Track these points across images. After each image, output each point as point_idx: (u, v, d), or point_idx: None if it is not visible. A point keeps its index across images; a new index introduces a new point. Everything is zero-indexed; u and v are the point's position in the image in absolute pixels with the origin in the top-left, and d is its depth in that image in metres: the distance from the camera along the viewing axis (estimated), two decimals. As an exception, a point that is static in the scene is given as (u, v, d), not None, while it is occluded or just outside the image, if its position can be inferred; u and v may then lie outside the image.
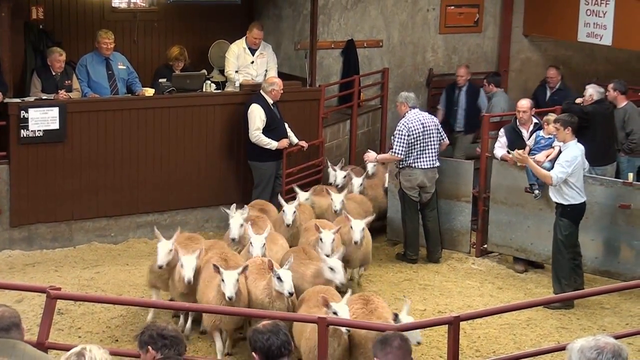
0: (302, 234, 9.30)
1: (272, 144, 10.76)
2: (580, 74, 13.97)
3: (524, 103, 10.39)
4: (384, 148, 12.59)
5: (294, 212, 9.45)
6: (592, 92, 10.96)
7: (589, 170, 10.35)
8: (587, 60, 14.31)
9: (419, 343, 6.75)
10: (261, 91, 10.78)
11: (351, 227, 9.06)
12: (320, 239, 8.66)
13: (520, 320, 8.82)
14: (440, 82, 13.74)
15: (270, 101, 10.75)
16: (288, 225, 9.38)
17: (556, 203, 9.29)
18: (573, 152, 9.17)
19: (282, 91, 10.77)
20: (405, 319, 6.57)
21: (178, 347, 4.86)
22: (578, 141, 9.36)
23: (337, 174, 11.00)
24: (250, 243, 8.26)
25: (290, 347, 4.82)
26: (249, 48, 11.41)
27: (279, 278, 7.23)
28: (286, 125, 10.98)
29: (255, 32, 11.34)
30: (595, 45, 13.03)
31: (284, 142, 10.81)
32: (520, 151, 9.67)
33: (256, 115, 10.66)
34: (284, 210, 9.47)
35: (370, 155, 10.93)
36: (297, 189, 10.13)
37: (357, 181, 10.82)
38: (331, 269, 7.81)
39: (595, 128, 10.62)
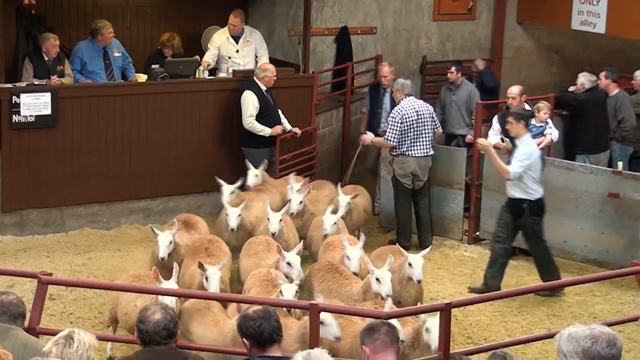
0: (326, 251, 8.50)
1: (265, 131, 10.74)
2: (574, 61, 13.98)
3: (514, 90, 10.41)
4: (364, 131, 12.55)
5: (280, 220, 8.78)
6: (583, 80, 10.97)
7: (583, 159, 10.39)
8: (581, 48, 14.31)
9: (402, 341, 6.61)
10: (254, 77, 10.75)
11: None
12: (347, 257, 8.04)
13: (511, 307, 8.85)
14: (434, 69, 13.73)
15: (264, 87, 10.73)
16: (273, 234, 8.65)
17: (515, 199, 9.05)
18: (529, 146, 9.02)
19: (275, 77, 10.74)
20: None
21: (152, 342, 4.75)
22: (572, 129, 9.40)
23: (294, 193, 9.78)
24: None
25: (281, 332, 4.82)
26: (232, 37, 11.35)
27: (377, 279, 7.38)
28: (279, 112, 10.97)
29: (230, 18, 11.29)
30: (588, 33, 13.04)
31: (278, 129, 10.79)
32: (484, 140, 9.64)
33: (249, 102, 10.63)
34: (268, 219, 8.76)
35: (367, 137, 10.77)
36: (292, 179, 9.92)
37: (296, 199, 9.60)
38: (377, 279, 7.40)
39: (588, 116, 10.64)
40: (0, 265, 9.10)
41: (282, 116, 10.98)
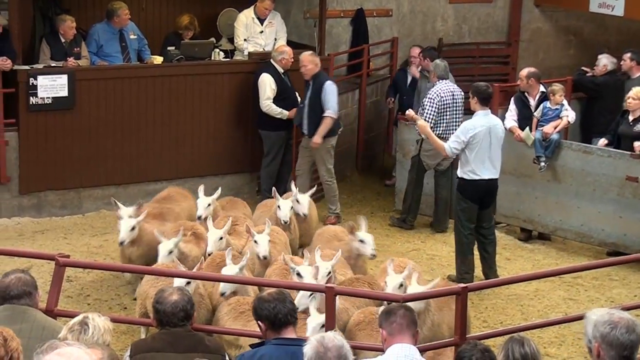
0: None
1: (283, 113, 10.73)
2: (592, 44, 13.87)
3: (523, 72, 10.39)
4: (392, 117, 12.54)
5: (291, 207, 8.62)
6: (606, 62, 10.89)
7: (597, 142, 10.29)
8: (599, 30, 14.20)
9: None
10: (271, 60, 10.73)
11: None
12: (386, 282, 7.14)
13: (527, 291, 8.83)
14: (450, 51, 13.65)
15: (281, 70, 10.71)
16: (285, 222, 8.52)
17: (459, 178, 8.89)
18: (471, 122, 8.69)
19: (292, 60, 10.71)
20: (415, 288, 6.56)
21: (170, 322, 4.79)
22: (589, 111, 9.30)
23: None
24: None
25: (296, 315, 4.83)
26: (258, 18, 11.35)
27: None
28: (297, 94, 10.95)
29: (267, 2, 11.26)
30: (606, 16, 12.93)
31: (295, 112, 10.77)
32: (420, 120, 9.63)
33: (266, 84, 10.62)
34: (279, 206, 8.60)
35: (410, 111, 10.50)
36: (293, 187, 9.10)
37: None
38: (361, 240, 7.84)
39: (606, 99, 10.56)
40: (18, 247, 9.15)
41: (299, 98, 10.96)
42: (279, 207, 8.58)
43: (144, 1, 11.68)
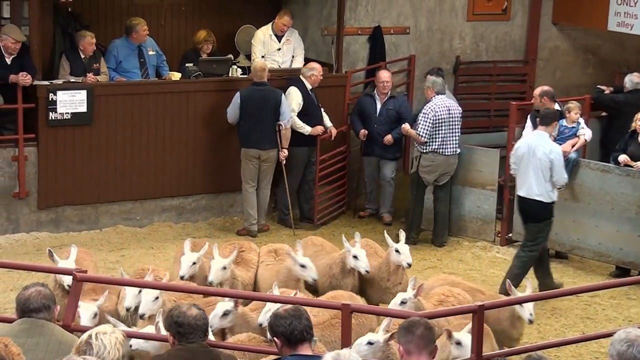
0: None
1: (305, 128, 10.84)
2: (610, 63, 13.83)
3: (536, 90, 10.43)
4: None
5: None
6: (626, 80, 10.87)
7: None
8: (617, 49, 14.15)
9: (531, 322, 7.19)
10: (300, 76, 10.85)
11: None
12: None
13: (544, 309, 8.78)
14: (467, 69, 13.66)
15: (309, 87, 10.85)
16: (367, 272, 7.90)
17: None
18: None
19: (321, 77, 10.85)
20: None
21: (193, 335, 4.80)
22: (608, 130, 9.28)
23: None
24: None
25: (312, 331, 4.82)
26: (275, 35, 11.40)
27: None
28: (322, 111, 11.06)
29: (286, 19, 11.34)
30: (625, 35, 12.89)
31: (318, 129, 10.85)
32: (406, 126, 10.27)
33: (293, 97, 10.77)
34: (355, 256, 7.87)
35: (406, 125, 10.70)
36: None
37: None
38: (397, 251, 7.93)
39: (625, 118, 10.52)
40: (36, 262, 9.19)
41: (324, 116, 11.07)
42: (355, 256, 7.89)
43: (163, 17, 11.77)
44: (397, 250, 7.97)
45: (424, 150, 10.47)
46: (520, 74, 14.07)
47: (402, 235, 8.13)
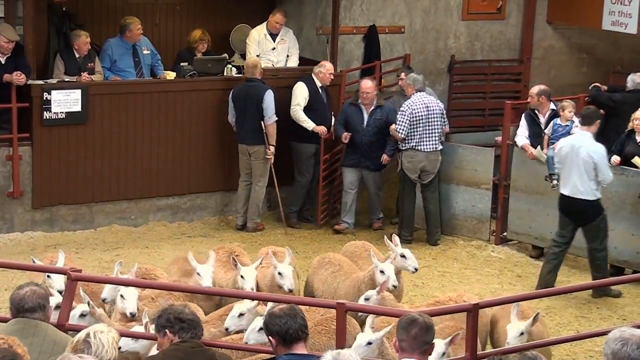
0: None
1: (308, 123, 10.89)
2: (605, 62, 13.85)
3: (533, 89, 10.49)
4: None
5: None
6: (628, 79, 10.87)
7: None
8: (612, 48, 14.18)
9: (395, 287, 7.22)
10: (312, 73, 10.99)
11: None
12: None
13: (539, 308, 8.74)
14: (462, 69, 13.67)
15: (319, 84, 10.91)
16: (395, 287, 7.60)
17: None
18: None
19: (330, 75, 10.96)
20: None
21: (195, 330, 4.88)
22: (604, 128, 9.31)
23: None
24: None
25: (307, 330, 4.82)
26: (270, 34, 11.41)
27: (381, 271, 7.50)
28: (332, 114, 11.14)
29: (278, 16, 11.36)
30: (619, 34, 12.91)
31: (322, 129, 10.82)
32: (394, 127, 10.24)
33: (298, 92, 10.89)
34: (382, 271, 7.54)
35: (393, 125, 10.68)
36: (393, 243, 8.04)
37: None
38: (402, 256, 7.84)
39: (623, 117, 10.51)
40: (31, 261, 9.14)
41: (334, 119, 11.13)
42: (382, 271, 7.53)
43: (158, 17, 11.75)
44: (402, 255, 7.85)
45: (404, 147, 10.55)
46: (515, 73, 14.09)
47: (396, 239, 8.06)
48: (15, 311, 4.81)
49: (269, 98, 10.56)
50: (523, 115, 10.48)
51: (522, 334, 6.45)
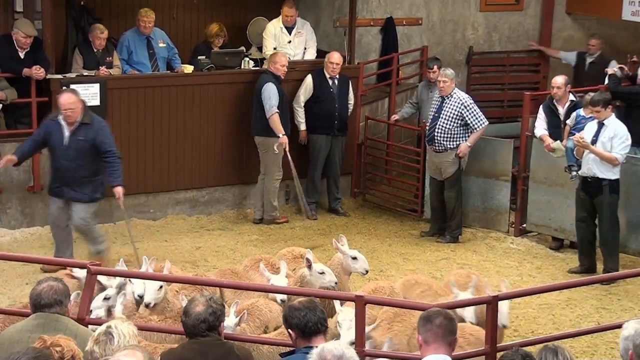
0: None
1: (300, 127, 10.97)
2: (624, 52, 13.71)
3: (559, 79, 10.26)
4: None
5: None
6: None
7: (634, 151, 10.17)
8: (632, 39, 14.05)
9: (504, 326, 6.61)
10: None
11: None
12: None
13: (559, 300, 8.76)
14: (480, 60, 13.60)
15: (327, 75, 10.95)
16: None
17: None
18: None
19: (336, 66, 10.93)
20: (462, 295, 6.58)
21: (192, 330, 4.84)
22: (626, 119, 9.26)
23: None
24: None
25: (326, 324, 4.82)
26: (286, 27, 11.40)
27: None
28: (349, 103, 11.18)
29: (286, 9, 11.35)
30: (639, 24, 12.81)
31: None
32: (580, 138, 9.34)
33: (302, 85, 10.99)
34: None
35: (464, 146, 10.37)
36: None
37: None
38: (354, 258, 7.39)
39: None
40: (51, 255, 9.21)
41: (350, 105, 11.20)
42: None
43: (175, 10, 11.77)
44: (354, 258, 7.36)
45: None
46: (534, 64, 14.02)
47: (344, 239, 7.54)
48: (34, 307, 4.84)
49: (268, 90, 10.47)
50: (541, 106, 10.41)
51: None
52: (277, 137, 10.54)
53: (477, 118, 10.30)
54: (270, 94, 10.45)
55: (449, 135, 10.34)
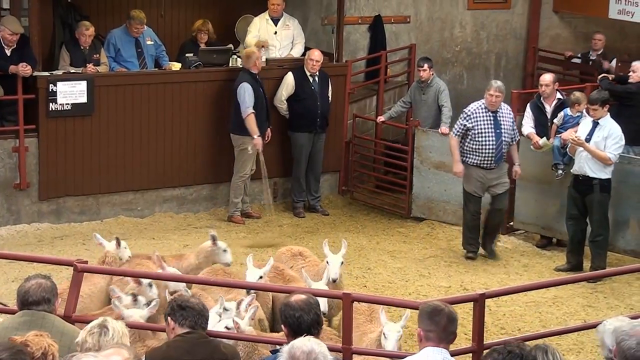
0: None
1: (283, 110, 11.01)
2: (611, 51, 13.79)
3: (547, 77, 10.26)
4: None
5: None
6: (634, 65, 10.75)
7: (626, 150, 10.19)
8: (618, 37, 14.12)
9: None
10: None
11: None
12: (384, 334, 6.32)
13: (546, 298, 8.79)
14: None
15: (308, 72, 10.91)
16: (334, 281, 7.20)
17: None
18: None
19: (316, 63, 10.87)
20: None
21: (197, 319, 4.84)
22: (617, 119, 9.28)
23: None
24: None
25: (320, 325, 4.82)
26: (272, 18, 11.38)
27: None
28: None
29: None
30: (626, 23, 12.87)
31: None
32: (575, 136, 9.33)
33: (283, 83, 10.93)
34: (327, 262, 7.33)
35: (518, 169, 10.01)
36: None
37: None
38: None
39: (637, 107, 10.45)
40: (37, 253, 9.20)
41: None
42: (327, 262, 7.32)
43: (163, 8, 11.74)
44: (327, 262, 7.26)
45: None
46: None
47: (344, 244, 7.50)
48: (21, 304, 4.82)
49: (241, 91, 10.42)
50: (528, 104, 10.42)
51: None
52: (252, 137, 10.53)
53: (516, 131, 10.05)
54: (245, 94, 10.41)
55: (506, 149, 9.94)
